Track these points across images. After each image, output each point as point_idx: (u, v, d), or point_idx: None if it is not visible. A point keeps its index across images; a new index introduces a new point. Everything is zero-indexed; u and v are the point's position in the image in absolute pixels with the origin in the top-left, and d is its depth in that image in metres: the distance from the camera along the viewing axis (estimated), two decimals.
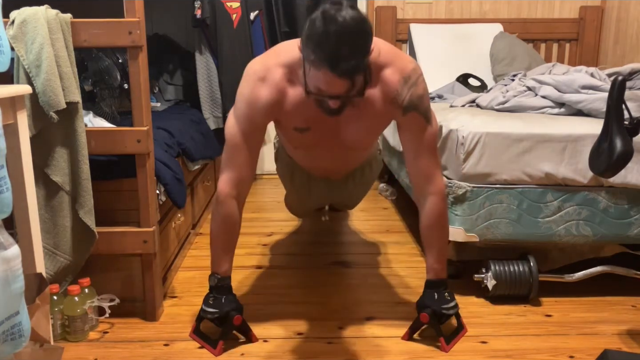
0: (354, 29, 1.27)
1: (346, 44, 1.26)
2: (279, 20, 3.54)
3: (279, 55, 1.52)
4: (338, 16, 1.26)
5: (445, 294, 1.66)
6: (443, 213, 1.66)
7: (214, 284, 1.64)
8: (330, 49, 1.26)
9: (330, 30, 1.26)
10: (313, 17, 1.30)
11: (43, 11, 1.51)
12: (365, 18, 1.31)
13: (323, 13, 1.28)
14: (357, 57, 1.28)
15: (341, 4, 1.29)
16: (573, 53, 3.61)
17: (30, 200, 1.39)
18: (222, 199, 1.60)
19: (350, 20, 1.27)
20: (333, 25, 1.26)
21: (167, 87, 3.00)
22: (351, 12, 1.27)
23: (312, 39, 1.29)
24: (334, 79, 1.30)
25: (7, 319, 1.15)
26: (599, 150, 1.52)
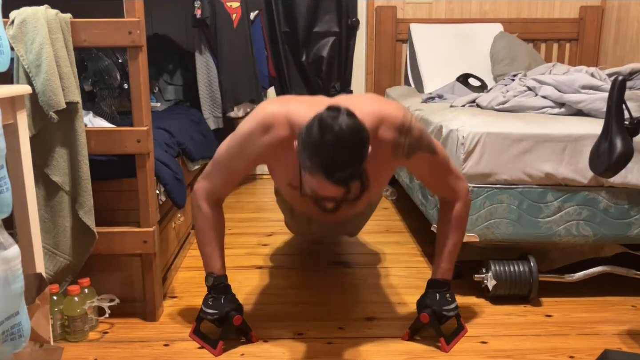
0: (351, 138, 1.27)
1: (342, 154, 1.26)
2: (279, 20, 3.55)
3: (295, 114, 1.47)
4: (334, 125, 1.26)
5: (447, 295, 1.66)
6: (464, 215, 1.66)
7: (211, 284, 1.64)
8: (326, 158, 1.26)
9: (327, 139, 1.26)
10: (310, 124, 1.30)
11: (43, 11, 1.51)
12: (362, 126, 1.30)
13: (320, 121, 1.28)
14: (353, 166, 1.28)
15: (338, 111, 1.29)
16: (573, 53, 3.61)
17: (30, 200, 1.39)
18: (198, 203, 1.62)
19: (347, 129, 1.26)
20: (329, 134, 1.26)
21: (167, 87, 3.00)
22: (348, 121, 1.27)
23: (308, 146, 1.29)
24: (330, 186, 1.30)
25: (7, 319, 1.15)
26: (599, 150, 1.51)
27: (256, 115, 1.51)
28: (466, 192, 1.65)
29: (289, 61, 3.63)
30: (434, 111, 2.25)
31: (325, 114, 1.29)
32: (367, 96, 1.58)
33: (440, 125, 2.01)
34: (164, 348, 1.63)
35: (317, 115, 1.30)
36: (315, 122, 1.28)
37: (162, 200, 1.85)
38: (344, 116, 1.28)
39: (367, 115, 1.41)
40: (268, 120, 1.48)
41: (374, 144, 1.43)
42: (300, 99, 1.57)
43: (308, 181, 1.34)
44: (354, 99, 1.50)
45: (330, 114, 1.28)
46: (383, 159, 1.51)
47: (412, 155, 1.52)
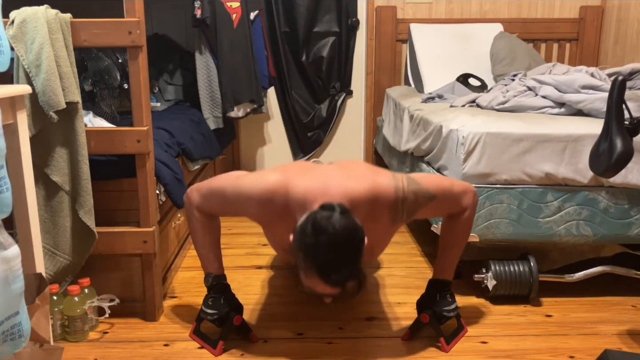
0: (345, 240, 1.28)
1: (337, 256, 1.27)
2: (279, 20, 3.55)
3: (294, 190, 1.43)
4: (328, 226, 1.26)
5: (447, 295, 1.66)
6: (471, 219, 1.65)
7: (210, 284, 1.64)
8: (321, 261, 1.27)
9: (321, 241, 1.26)
10: (304, 225, 1.30)
11: (43, 11, 1.51)
12: (356, 225, 1.31)
13: (314, 222, 1.28)
14: (348, 268, 1.29)
15: (332, 210, 1.29)
16: (573, 53, 3.61)
17: (30, 200, 1.39)
18: (192, 210, 1.62)
19: (341, 230, 1.27)
20: (324, 236, 1.26)
21: (167, 87, 3.00)
22: (341, 221, 1.28)
23: (303, 248, 1.29)
24: (326, 287, 1.31)
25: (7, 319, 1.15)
26: (599, 150, 1.51)
27: (257, 184, 1.47)
28: (472, 199, 1.61)
29: (289, 61, 3.63)
30: (434, 111, 2.25)
31: (319, 214, 1.29)
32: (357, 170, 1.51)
33: (440, 125, 2.01)
34: (164, 348, 1.63)
35: (311, 215, 1.31)
36: (309, 223, 1.29)
37: (162, 200, 1.85)
38: (337, 215, 1.28)
39: (361, 194, 1.41)
40: (266, 195, 1.45)
41: (372, 218, 1.45)
42: (303, 170, 1.50)
43: (304, 279, 1.35)
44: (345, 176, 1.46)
45: (324, 214, 1.29)
46: (383, 227, 1.52)
47: (412, 215, 1.53)
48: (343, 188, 1.40)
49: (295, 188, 1.43)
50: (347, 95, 3.70)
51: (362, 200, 1.42)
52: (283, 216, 1.46)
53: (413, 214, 1.52)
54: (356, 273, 1.32)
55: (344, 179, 1.44)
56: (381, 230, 1.53)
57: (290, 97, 3.66)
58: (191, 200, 1.62)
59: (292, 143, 3.77)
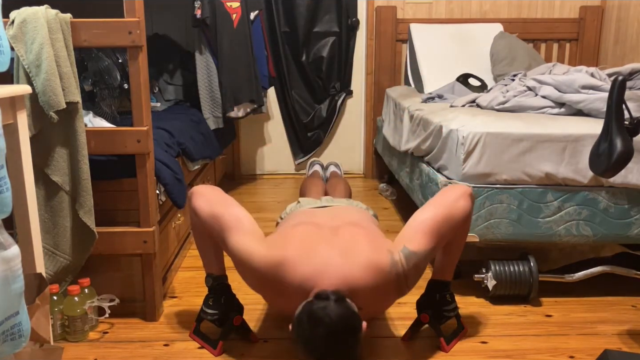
0: (342, 330, 1.29)
1: (335, 346, 1.28)
2: (279, 20, 3.55)
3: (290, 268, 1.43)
4: (325, 317, 1.28)
5: (447, 295, 1.66)
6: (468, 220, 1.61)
7: (211, 285, 1.64)
8: (319, 352, 1.29)
9: (318, 333, 1.27)
10: (300, 316, 1.31)
11: (43, 11, 1.51)
12: (352, 313, 1.31)
13: (310, 314, 1.29)
14: (347, 356, 1.30)
15: (327, 299, 1.30)
16: (573, 53, 3.61)
17: (30, 200, 1.39)
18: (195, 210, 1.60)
19: (337, 320, 1.28)
20: (320, 328, 1.27)
21: (167, 87, 3.00)
22: (337, 310, 1.29)
23: (301, 340, 1.31)
24: None
25: (7, 319, 1.15)
26: (599, 150, 1.51)
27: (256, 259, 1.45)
28: (468, 202, 1.57)
29: (289, 61, 3.63)
30: (434, 111, 2.25)
31: (315, 305, 1.30)
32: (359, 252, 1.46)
33: (440, 125, 2.01)
34: (164, 348, 1.63)
35: (307, 305, 1.32)
36: (305, 314, 1.30)
37: (162, 200, 1.85)
38: (332, 305, 1.29)
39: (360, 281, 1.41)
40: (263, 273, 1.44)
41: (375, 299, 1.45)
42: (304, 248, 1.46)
43: None
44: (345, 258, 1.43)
45: (320, 304, 1.30)
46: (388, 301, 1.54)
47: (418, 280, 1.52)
48: (342, 278, 1.40)
49: (293, 273, 1.42)
50: (347, 95, 3.70)
51: (363, 289, 1.41)
52: (279, 293, 1.47)
53: (418, 279, 1.52)
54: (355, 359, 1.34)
55: (344, 267, 1.42)
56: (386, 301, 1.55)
57: (290, 97, 3.66)
58: (197, 205, 1.58)
59: (292, 143, 3.77)
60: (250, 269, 1.47)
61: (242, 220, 1.53)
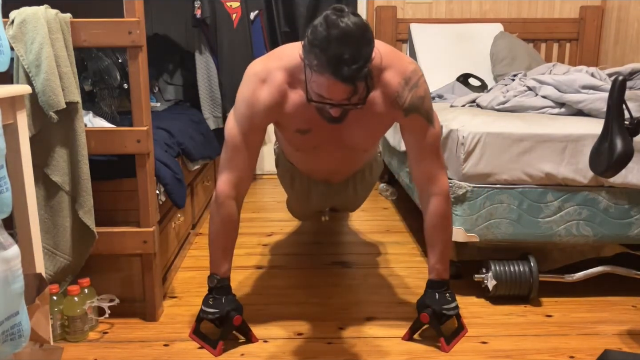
0: (357, 34, 1.28)
1: (349, 49, 1.27)
2: (279, 20, 3.54)
3: (281, 59, 1.52)
4: (340, 22, 1.27)
5: (447, 294, 1.66)
6: (446, 214, 1.65)
7: (214, 285, 1.64)
8: (333, 53, 1.27)
9: (333, 35, 1.27)
10: (315, 23, 1.31)
11: (43, 11, 1.51)
12: (367, 24, 1.32)
13: (325, 18, 1.29)
14: (359, 62, 1.28)
15: (343, 11, 1.30)
16: (573, 53, 3.61)
17: (30, 200, 1.39)
18: (221, 200, 1.60)
19: (353, 26, 1.27)
20: (336, 30, 1.27)
21: (167, 87, 3.00)
22: (353, 18, 1.28)
23: (315, 44, 1.29)
24: (337, 84, 1.30)
25: (7, 319, 1.15)
26: (599, 150, 1.51)
27: (247, 77, 1.54)
28: (446, 187, 1.63)
29: None
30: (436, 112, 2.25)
31: (331, 12, 1.30)
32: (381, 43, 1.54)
33: (441, 125, 2.01)
34: (164, 348, 1.63)
35: (323, 14, 1.31)
36: (322, 19, 1.30)
37: (162, 200, 1.85)
38: (349, 14, 1.29)
39: (379, 55, 1.40)
40: (260, 73, 1.50)
41: (378, 86, 1.46)
42: (283, 47, 1.59)
43: (314, 83, 1.35)
44: None
45: (336, 12, 1.30)
46: (382, 105, 1.52)
47: (409, 114, 1.52)
48: None
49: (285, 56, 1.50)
50: None
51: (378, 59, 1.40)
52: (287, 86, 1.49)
53: (411, 112, 1.51)
54: (366, 72, 1.31)
55: None
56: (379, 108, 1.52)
57: None
58: (220, 188, 1.60)
59: None
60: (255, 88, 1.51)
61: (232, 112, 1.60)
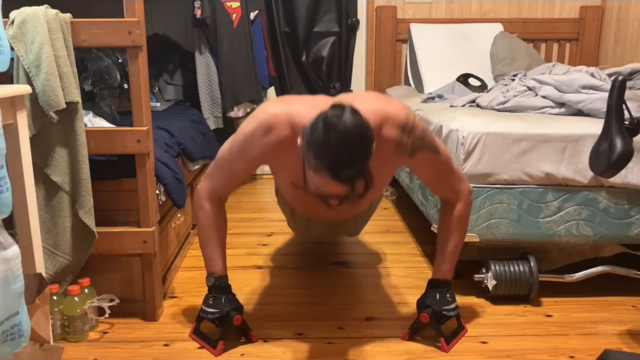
0: (356, 137, 1.27)
1: (347, 153, 1.26)
2: (279, 20, 3.55)
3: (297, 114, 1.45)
4: (339, 123, 1.26)
5: (447, 295, 1.66)
6: (465, 216, 1.65)
7: (212, 284, 1.64)
8: (331, 157, 1.26)
9: (332, 138, 1.25)
10: (314, 123, 1.29)
11: (43, 11, 1.51)
12: (366, 124, 1.30)
13: (324, 119, 1.27)
14: (358, 165, 1.28)
15: (342, 109, 1.29)
16: (573, 53, 3.61)
17: (30, 200, 1.39)
18: (201, 202, 1.62)
19: (352, 128, 1.26)
20: (334, 133, 1.25)
21: (167, 87, 3.00)
22: (352, 119, 1.27)
23: (313, 145, 1.28)
24: (335, 185, 1.30)
25: (7, 319, 1.15)
26: (599, 150, 1.51)
27: (257, 116, 1.50)
28: (468, 192, 1.65)
29: (289, 61, 3.63)
30: (434, 111, 2.25)
31: (330, 112, 1.28)
32: (369, 94, 1.57)
33: (440, 125, 2.01)
34: (164, 348, 1.63)
35: (322, 113, 1.29)
36: (320, 120, 1.28)
37: (162, 200, 1.85)
38: (348, 114, 1.27)
39: (371, 113, 1.40)
40: (270, 121, 1.47)
41: (378, 143, 1.43)
42: (302, 98, 1.56)
43: (312, 179, 1.34)
44: (356, 97, 1.49)
45: (335, 112, 1.28)
46: (386, 157, 1.51)
47: (415, 155, 1.52)
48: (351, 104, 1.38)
49: (297, 113, 1.44)
50: None
51: (371, 118, 1.40)
52: (289, 144, 1.46)
53: (416, 152, 1.51)
54: (364, 172, 1.31)
55: (352, 99, 1.43)
56: (383, 160, 1.52)
57: None
58: (199, 192, 1.61)
59: None
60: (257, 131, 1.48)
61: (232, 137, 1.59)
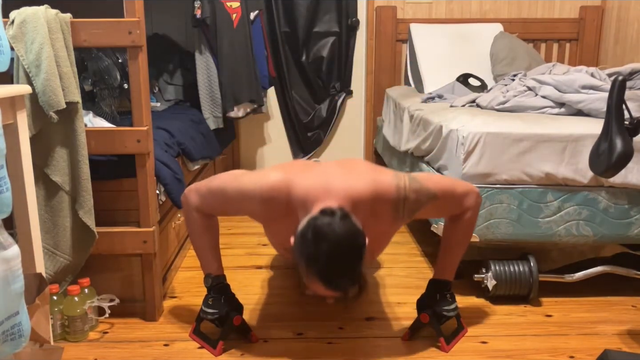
0: (347, 247, 1.27)
1: (339, 264, 1.27)
2: (279, 20, 3.55)
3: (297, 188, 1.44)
4: (330, 233, 1.26)
5: (447, 295, 1.66)
6: (472, 223, 1.64)
7: (210, 285, 1.64)
8: (322, 269, 1.27)
9: (322, 250, 1.26)
10: (304, 231, 1.29)
11: (43, 11, 1.51)
12: (357, 230, 1.30)
13: (314, 229, 1.27)
14: (350, 274, 1.29)
15: (333, 215, 1.29)
16: (573, 53, 3.61)
17: (30, 200, 1.39)
18: (190, 210, 1.61)
19: (342, 237, 1.26)
20: (324, 244, 1.26)
21: (167, 87, 3.00)
22: (342, 227, 1.27)
23: (304, 255, 1.29)
24: (328, 291, 1.32)
25: (7, 319, 1.15)
26: (599, 150, 1.51)
27: (258, 181, 1.47)
28: (474, 200, 1.61)
29: (289, 61, 3.63)
30: (434, 111, 2.25)
31: (320, 220, 1.28)
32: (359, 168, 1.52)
33: (440, 125, 2.01)
34: (164, 348, 1.63)
35: (311, 220, 1.30)
36: (310, 229, 1.28)
37: (162, 200, 1.85)
38: (338, 221, 1.27)
39: (363, 193, 1.41)
40: (267, 194, 1.45)
41: (374, 217, 1.45)
42: (304, 169, 1.51)
43: (306, 281, 1.35)
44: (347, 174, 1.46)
45: (325, 220, 1.28)
46: (384, 228, 1.52)
47: (414, 215, 1.52)
48: (344, 187, 1.41)
49: (296, 186, 1.43)
50: (347, 95, 3.70)
51: (364, 199, 1.42)
52: (284, 214, 1.46)
53: (414, 213, 1.52)
54: (358, 278, 1.33)
55: (346, 178, 1.44)
56: (382, 230, 1.53)
57: (290, 97, 3.66)
58: (189, 201, 1.61)
59: (292, 143, 3.77)
60: (257, 198, 1.46)
61: (234, 172, 1.57)
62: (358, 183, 1.43)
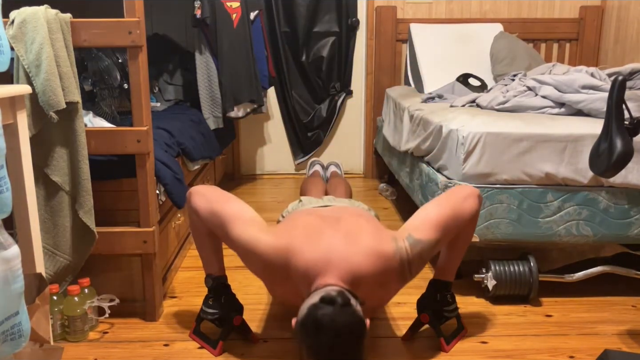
0: (347, 338, 1.27)
1: (339, 354, 1.27)
2: (279, 20, 3.55)
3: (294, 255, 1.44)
4: (330, 325, 1.25)
5: (447, 295, 1.66)
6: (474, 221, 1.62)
7: (210, 285, 1.64)
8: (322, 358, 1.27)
9: (323, 341, 1.26)
10: (304, 320, 1.29)
11: (43, 11, 1.51)
12: (357, 319, 1.29)
13: (314, 320, 1.27)
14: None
15: (333, 303, 1.28)
16: (573, 53, 3.61)
17: (30, 200, 1.39)
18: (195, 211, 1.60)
19: (343, 328, 1.26)
20: (325, 336, 1.25)
21: (167, 87, 3.00)
22: (342, 317, 1.26)
23: (305, 344, 1.29)
24: None
25: (7, 319, 1.15)
26: (599, 150, 1.51)
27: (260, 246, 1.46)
28: (476, 203, 1.59)
29: (289, 61, 3.63)
30: (434, 111, 2.25)
31: (320, 310, 1.27)
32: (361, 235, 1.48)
33: (440, 125, 2.01)
34: (164, 348, 1.63)
35: (312, 309, 1.29)
36: (310, 320, 1.28)
37: (162, 200, 1.85)
38: (338, 310, 1.27)
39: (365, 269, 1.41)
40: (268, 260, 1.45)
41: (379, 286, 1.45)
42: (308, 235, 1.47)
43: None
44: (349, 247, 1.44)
45: (326, 310, 1.27)
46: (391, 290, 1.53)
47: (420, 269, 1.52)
48: (346, 264, 1.40)
49: (298, 260, 1.42)
50: (347, 95, 3.70)
51: (366, 275, 1.41)
52: (284, 280, 1.47)
53: (421, 268, 1.52)
54: None
55: (347, 252, 1.42)
56: (388, 291, 1.54)
57: (290, 97, 3.66)
58: (196, 205, 1.59)
59: (292, 143, 3.77)
60: (256, 258, 1.47)
61: (243, 211, 1.55)
62: (360, 258, 1.42)
